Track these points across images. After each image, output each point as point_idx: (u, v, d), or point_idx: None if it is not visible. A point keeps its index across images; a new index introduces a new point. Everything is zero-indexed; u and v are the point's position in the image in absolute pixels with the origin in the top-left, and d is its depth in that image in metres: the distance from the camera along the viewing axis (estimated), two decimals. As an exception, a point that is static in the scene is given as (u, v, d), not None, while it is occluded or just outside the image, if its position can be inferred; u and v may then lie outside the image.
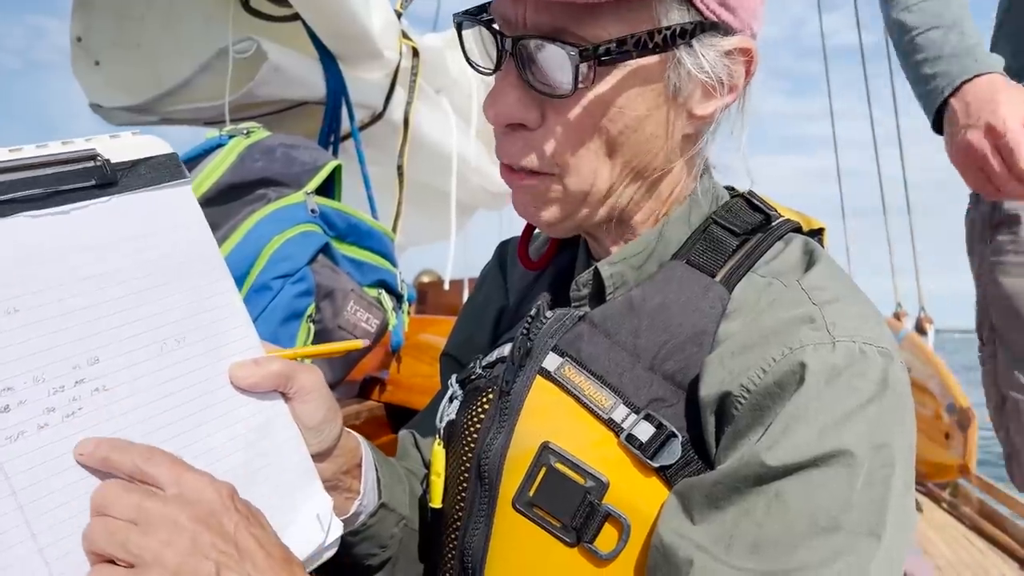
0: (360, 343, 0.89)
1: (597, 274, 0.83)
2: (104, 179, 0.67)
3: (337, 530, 0.77)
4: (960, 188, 1.52)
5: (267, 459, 0.72)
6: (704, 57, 0.75)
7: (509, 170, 0.80)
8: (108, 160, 0.68)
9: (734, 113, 0.82)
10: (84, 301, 0.64)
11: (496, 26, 0.76)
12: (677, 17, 0.73)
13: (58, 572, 0.58)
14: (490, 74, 0.78)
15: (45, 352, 0.61)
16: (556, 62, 0.72)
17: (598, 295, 0.84)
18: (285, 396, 0.76)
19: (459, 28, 0.81)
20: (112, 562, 0.59)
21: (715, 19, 0.74)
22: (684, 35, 0.73)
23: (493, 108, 0.76)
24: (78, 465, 0.61)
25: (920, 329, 5.72)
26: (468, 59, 0.81)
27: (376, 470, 0.89)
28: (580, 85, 0.72)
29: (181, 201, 0.72)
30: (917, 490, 4.99)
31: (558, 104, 0.75)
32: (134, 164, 0.70)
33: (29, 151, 0.64)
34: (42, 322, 0.61)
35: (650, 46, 0.72)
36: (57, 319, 0.62)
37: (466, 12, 0.79)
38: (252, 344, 0.74)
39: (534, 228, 0.97)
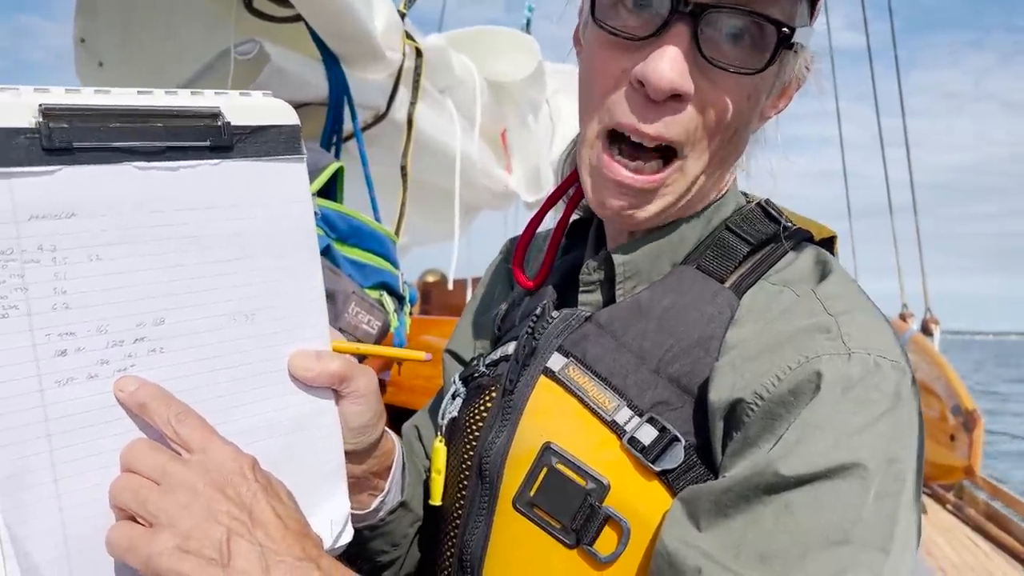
0: (422, 355, 0.88)
1: (609, 260, 0.83)
2: (219, 142, 0.66)
3: (346, 537, 0.77)
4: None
5: (300, 452, 0.72)
6: (807, 60, 0.77)
7: (626, 169, 0.75)
8: (228, 123, 0.67)
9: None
10: (167, 261, 0.64)
11: None
12: (805, 19, 0.75)
13: (70, 519, 0.59)
14: (633, 39, 0.73)
15: (115, 305, 0.61)
16: (752, 39, 0.72)
17: (609, 282, 0.84)
18: (338, 394, 0.75)
19: None
20: (134, 520, 0.60)
21: (810, 26, 0.76)
22: (807, 37, 0.75)
23: (663, 76, 0.70)
24: (115, 421, 0.62)
25: (926, 330, 5.72)
26: (598, 19, 0.75)
27: (403, 468, 0.90)
28: (770, 67, 0.72)
29: (291, 178, 0.71)
30: (922, 492, 5.02)
31: (720, 81, 0.73)
32: (254, 131, 0.68)
33: (159, 96, 0.64)
34: (121, 274, 0.61)
35: (800, 41, 0.74)
36: (136, 274, 0.62)
37: None
38: (320, 334, 0.74)
39: (527, 245, 0.97)
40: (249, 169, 0.68)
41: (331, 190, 1.57)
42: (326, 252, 1.46)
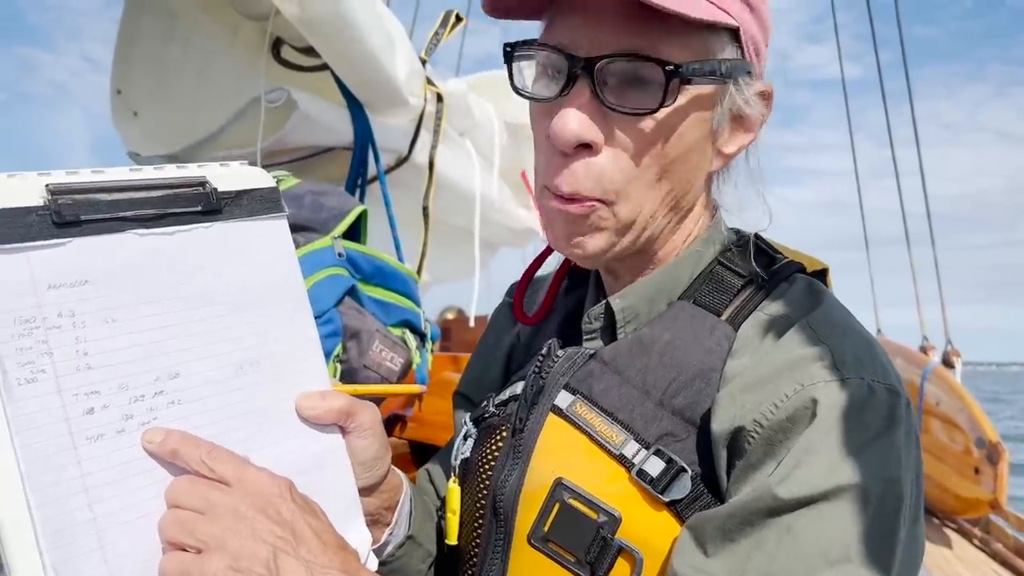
0: (418, 388, 0.90)
1: (609, 308, 0.86)
2: (210, 206, 0.71)
3: (372, 565, 0.80)
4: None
5: (317, 488, 0.75)
6: (747, 94, 0.80)
7: (560, 199, 0.79)
8: (216, 188, 0.72)
9: (742, 155, 0.86)
10: (176, 318, 0.68)
11: (565, 51, 0.76)
12: (730, 53, 0.79)
13: (115, 568, 0.62)
14: (545, 100, 0.78)
15: (133, 363, 0.65)
16: (643, 80, 0.75)
17: (610, 328, 0.87)
18: (343, 430, 0.79)
19: (509, 59, 0.81)
20: (183, 550, 0.64)
21: (751, 62, 0.80)
22: (736, 71, 0.79)
23: (566, 128, 0.75)
24: (146, 471, 0.65)
25: (947, 363, 5.66)
26: (517, 88, 0.81)
27: (411, 503, 0.92)
28: (665, 104, 0.75)
29: (276, 233, 0.77)
30: (948, 526, 4.92)
31: (626, 126, 0.77)
32: (238, 194, 0.74)
33: (148, 172, 0.69)
34: (136, 334, 0.66)
35: (716, 74, 0.77)
36: (149, 332, 0.66)
37: (522, 42, 0.79)
38: (320, 375, 0.78)
39: (528, 282, 1.00)
40: (238, 229, 0.73)
41: (355, 232, 1.63)
42: (352, 292, 1.52)
